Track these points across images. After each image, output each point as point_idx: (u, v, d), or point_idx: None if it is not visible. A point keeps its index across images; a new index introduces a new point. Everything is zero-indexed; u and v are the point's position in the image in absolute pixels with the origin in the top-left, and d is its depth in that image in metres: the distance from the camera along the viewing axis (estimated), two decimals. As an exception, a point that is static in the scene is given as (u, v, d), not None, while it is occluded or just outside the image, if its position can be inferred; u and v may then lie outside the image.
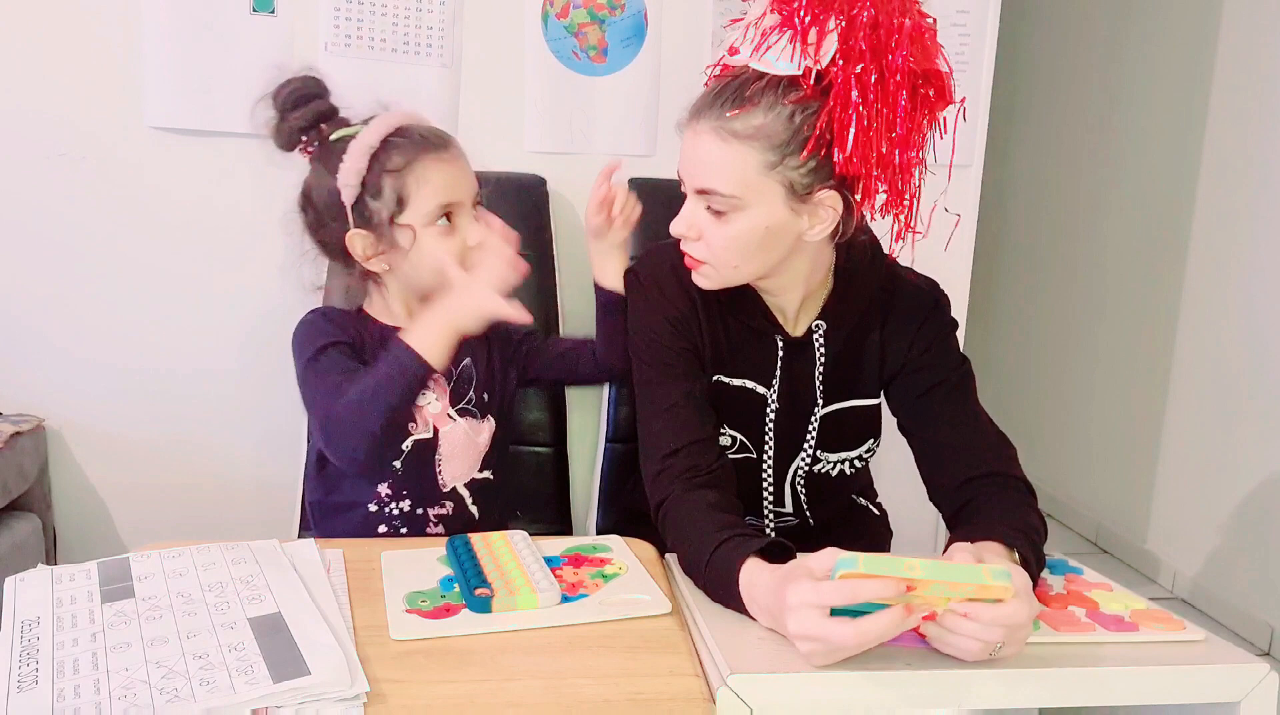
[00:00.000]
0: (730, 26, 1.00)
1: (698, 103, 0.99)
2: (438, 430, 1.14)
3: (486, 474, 1.19)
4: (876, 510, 1.31)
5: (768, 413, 1.12)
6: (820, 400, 1.12)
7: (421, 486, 1.14)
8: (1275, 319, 2.14)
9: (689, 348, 1.08)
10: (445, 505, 1.16)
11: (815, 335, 1.10)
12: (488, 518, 1.19)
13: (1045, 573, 0.96)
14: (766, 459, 1.14)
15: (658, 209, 1.18)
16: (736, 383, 1.11)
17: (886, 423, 1.17)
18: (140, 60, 1.48)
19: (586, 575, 0.93)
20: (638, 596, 0.89)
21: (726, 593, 0.86)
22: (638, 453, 1.08)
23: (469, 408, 1.16)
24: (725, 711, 0.73)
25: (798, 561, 0.81)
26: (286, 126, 1.10)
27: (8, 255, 1.53)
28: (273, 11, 1.50)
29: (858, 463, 1.18)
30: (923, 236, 1.01)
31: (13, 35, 1.47)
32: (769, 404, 1.12)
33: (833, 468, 1.16)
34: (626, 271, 1.17)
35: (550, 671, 0.76)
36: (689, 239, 1.03)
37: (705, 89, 1.00)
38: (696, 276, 1.05)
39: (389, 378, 1.02)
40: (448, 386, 1.16)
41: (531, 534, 0.99)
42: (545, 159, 1.60)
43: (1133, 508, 2.61)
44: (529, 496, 1.43)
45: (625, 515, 1.39)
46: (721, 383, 1.11)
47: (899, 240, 1.00)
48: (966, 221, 1.69)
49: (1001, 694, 0.77)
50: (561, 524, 1.48)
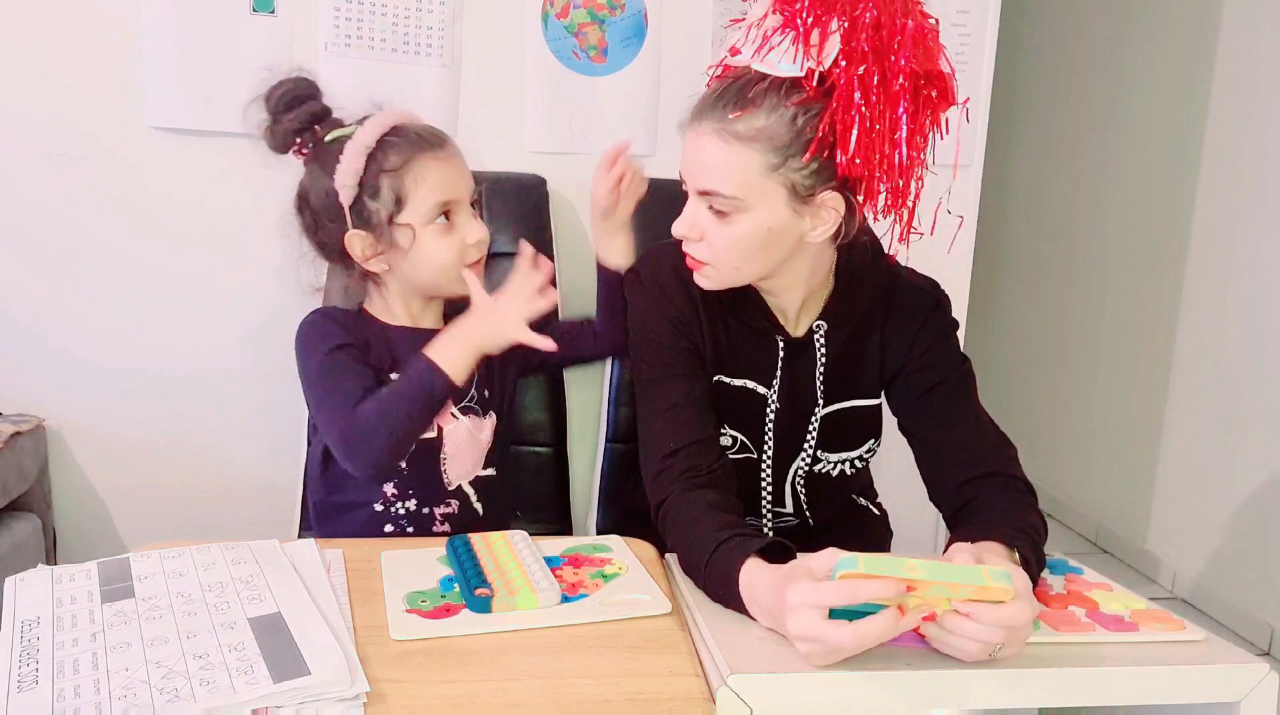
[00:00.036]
0: (732, 27, 1.00)
1: (699, 103, 0.99)
2: (441, 429, 1.14)
3: (490, 471, 1.19)
4: (877, 510, 1.31)
5: (768, 413, 1.12)
6: (821, 400, 1.12)
7: (427, 486, 1.14)
8: (1275, 319, 2.14)
9: (690, 348, 1.08)
10: (450, 504, 1.16)
11: (816, 335, 1.10)
12: (492, 515, 1.19)
13: (1045, 573, 0.96)
14: (766, 459, 1.14)
15: (658, 209, 1.18)
16: (737, 383, 1.11)
17: (887, 423, 1.17)
18: (140, 60, 1.48)
19: (586, 575, 0.93)
20: (638, 596, 0.89)
21: (726, 593, 0.86)
22: (638, 453, 1.08)
23: (471, 406, 1.16)
24: (725, 711, 0.73)
25: (798, 561, 0.81)
26: (280, 129, 1.10)
27: (8, 255, 1.53)
28: (273, 11, 1.50)
29: (858, 463, 1.18)
30: (923, 237, 1.01)
31: (13, 35, 1.47)
32: (769, 404, 1.12)
33: (833, 468, 1.16)
34: (627, 271, 1.17)
35: (550, 671, 0.76)
36: (691, 240, 1.02)
37: (707, 90, 1.00)
38: (698, 277, 1.05)
39: (413, 394, 1.05)
40: None
41: (531, 534, 0.99)
42: (545, 159, 1.60)
43: (1133, 508, 2.61)
44: (529, 496, 1.43)
45: (625, 515, 1.39)
46: (722, 383, 1.11)
47: (901, 241, 1.00)
48: (967, 221, 1.69)
49: (1001, 694, 0.77)
50: (561, 524, 1.48)
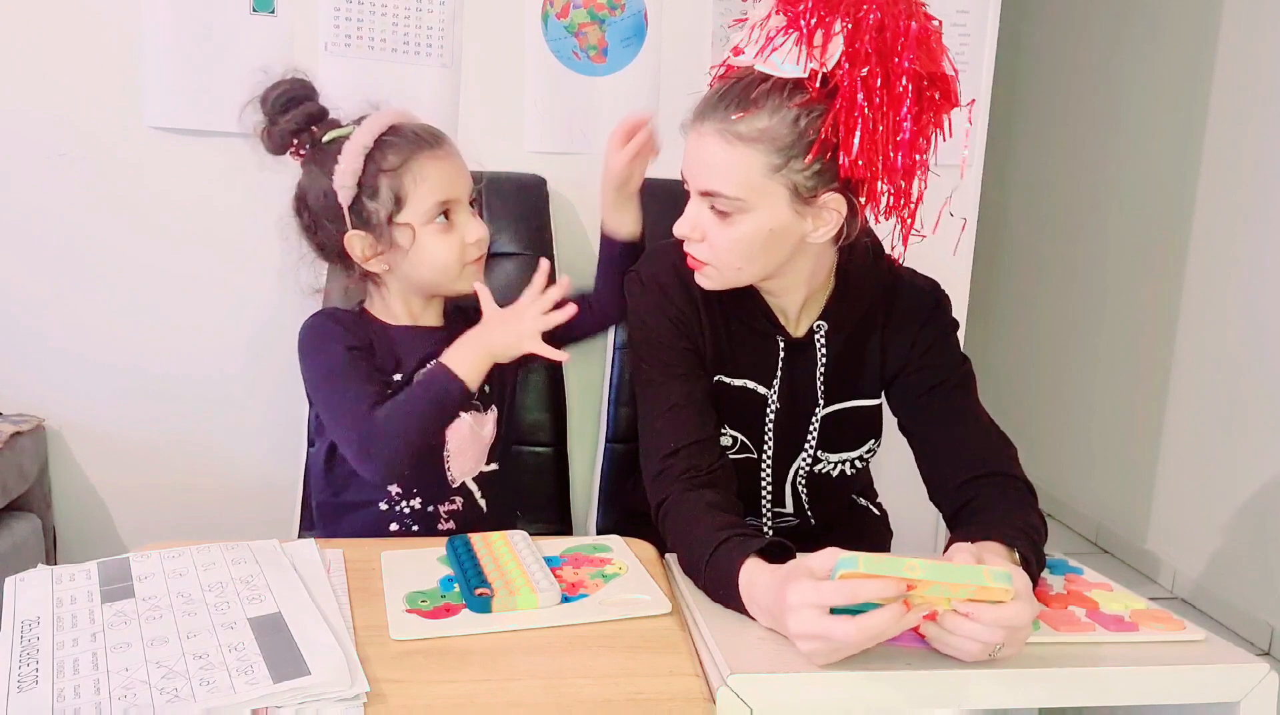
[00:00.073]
0: (734, 27, 1.00)
1: (702, 104, 0.99)
2: None
3: (493, 466, 1.19)
4: (877, 510, 1.31)
5: (768, 413, 1.12)
6: (821, 401, 1.12)
7: (431, 483, 1.14)
8: (1275, 319, 2.14)
9: (690, 348, 1.08)
10: (455, 501, 1.16)
11: (816, 336, 1.10)
12: (495, 511, 1.19)
13: (1045, 573, 0.96)
14: (767, 459, 1.14)
15: (659, 209, 1.18)
16: (737, 383, 1.11)
17: (887, 423, 1.17)
18: (140, 60, 1.48)
19: (586, 575, 0.93)
20: (638, 596, 0.89)
21: (726, 593, 0.86)
22: (638, 453, 1.08)
23: (473, 402, 1.16)
24: (725, 711, 0.73)
25: (798, 561, 0.81)
26: (277, 130, 1.10)
27: (8, 255, 1.53)
28: (273, 11, 1.50)
29: (858, 463, 1.18)
30: (923, 238, 1.01)
31: (13, 35, 1.47)
32: (770, 404, 1.12)
33: (833, 468, 1.16)
34: (628, 272, 1.17)
35: (550, 671, 0.76)
36: (692, 240, 1.02)
37: (709, 90, 0.99)
38: (699, 277, 1.05)
39: (430, 399, 1.07)
40: None
41: (531, 534, 0.99)
42: (545, 159, 1.60)
43: (1133, 508, 2.61)
44: (529, 496, 1.43)
45: (625, 515, 1.39)
46: (722, 383, 1.11)
47: (904, 243, 1.00)
48: (967, 222, 1.69)
49: (1001, 694, 0.77)
50: (561, 524, 1.48)
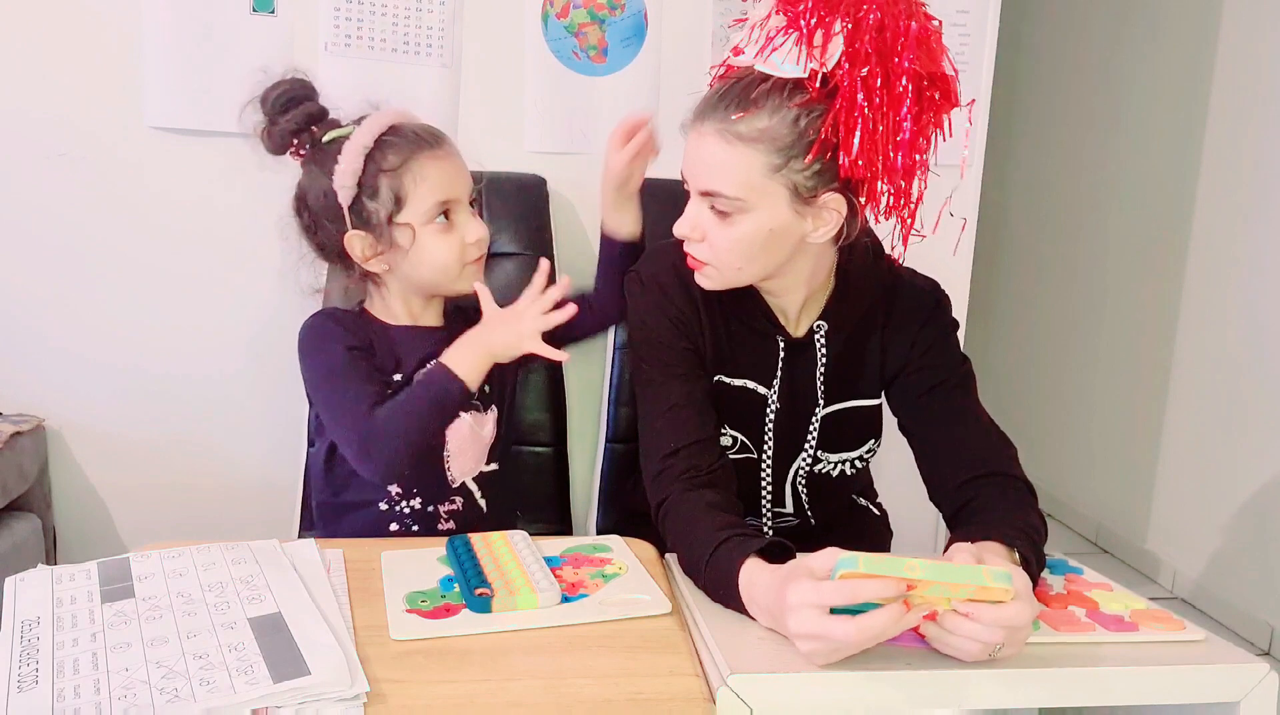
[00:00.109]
0: (734, 27, 1.00)
1: (702, 104, 0.98)
2: None
3: (493, 466, 1.19)
4: (877, 510, 1.31)
5: (768, 413, 1.12)
6: (821, 401, 1.12)
7: (431, 483, 1.14)
8: (1276, 319, 2.14)
9: (690, 348, 1.08)
10: (455, 501, 1.16)
11: (816, 336, 1.10)
12: (495, 511, 1.19)
13: (1045, 573, 0.96)
14: (766, 459, 1.14)
15: (659, 209, 1.18)
16: (737, 383, 1.11)
17: (887, 423, 1.17)
18: (140, 60, 1.48)
19: (586, 575, 0.93)
20: (638, 596, 0.89)
21: (726, 593, 0.86)
22: (638, 453, 1.08)
23: (473, 402, 1.16)
24: (725, 711, 0.73)
25: (798, 561, 0.81)
26: (277, 130, 1.10)
27: (8, 255, 1.53)
28: (273, 11, 1.50)
29: (858, 463, 1.18)
30: (923, 238, 1.01)
31: (13, 35, 1.47)
32: (770, 404, 1.12)
33: (833, 468, 1.16)
34: (628, 272, 1.17)
35: (550, 671, 0.76)
36: (692, 240, 1.02)
37: (710, 90, 0.99)
38: (699, 277, 1.05)
39: (431, 399, 1.07)
40: None
41: (531, 534, 0.99)
42: (545, 159, 1.60)
43: (1133, 508, 2.61)
44: (529, 496, 1.43)
45: (625, 515, 1.39)
46: (722, 383, 1.11)
47: (904, 243, 1.00)
48: (967, 222, 1.69)
49: (1001, 694, 0.77)
50: (561, 524, 1.48)
